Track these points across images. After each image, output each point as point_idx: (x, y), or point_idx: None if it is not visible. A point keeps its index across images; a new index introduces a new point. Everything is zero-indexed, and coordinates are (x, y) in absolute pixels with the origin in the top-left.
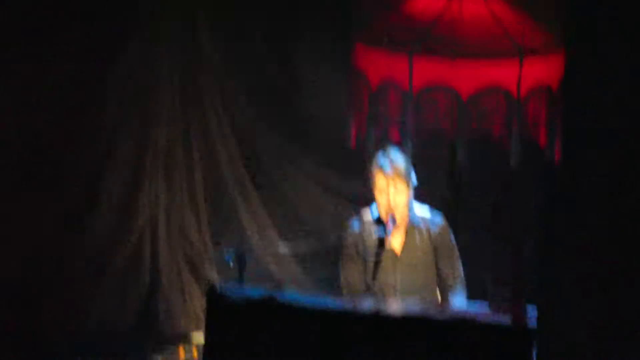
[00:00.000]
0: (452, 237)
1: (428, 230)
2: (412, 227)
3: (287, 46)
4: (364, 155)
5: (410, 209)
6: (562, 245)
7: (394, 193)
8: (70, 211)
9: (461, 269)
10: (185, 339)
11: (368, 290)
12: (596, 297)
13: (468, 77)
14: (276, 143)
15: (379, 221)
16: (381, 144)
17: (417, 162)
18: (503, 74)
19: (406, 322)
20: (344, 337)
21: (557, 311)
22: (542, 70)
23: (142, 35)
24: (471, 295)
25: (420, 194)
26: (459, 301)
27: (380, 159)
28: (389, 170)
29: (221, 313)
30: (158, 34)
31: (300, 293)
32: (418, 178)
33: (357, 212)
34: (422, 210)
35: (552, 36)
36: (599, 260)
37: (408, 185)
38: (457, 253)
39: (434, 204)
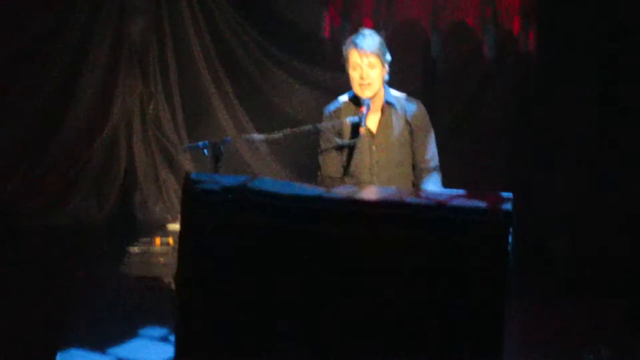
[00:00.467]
0: (428, 118)
1: (404, 110)
2: (387, 106)
3: None
4: (339, 46)
5: (385, 89)
6: (534, 132)
7: (368, 66)
8: (48, 107)
9: (436, 150)
10: (162, 229)
11: (345, 174)
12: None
13: None
14: (250, 37)
15: (355, 101)
16: (354, 33)
17: (391, 53)
18: None
19: (381, 206)
20: (318, 223)
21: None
22: None
23: None
24: (447, 184)
25: (396, 84)
26: (434, 184)
27: (354, 37)
28: (362, 45)
29: (197, 202)
30: None
31: (274, 181)
32: (393, 67)
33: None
34: (398, 94)
35: None
36: (571, 142)
37: (381, 61)
38: (432, 134)
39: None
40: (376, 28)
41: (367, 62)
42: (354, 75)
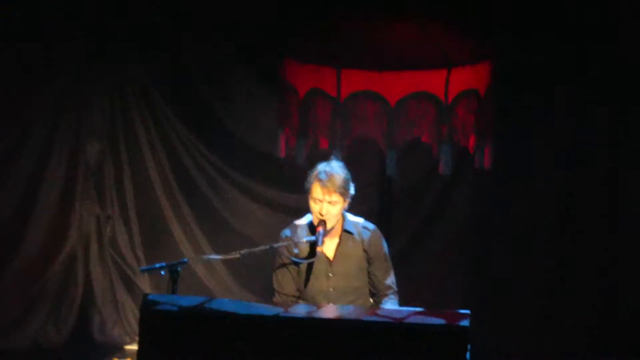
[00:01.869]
0: (385, 245)
1: (361, 237)
2: (345, 234)
3: (217, 63)
4: (295, 166)
5: (344, 216)
6: (495, 247)
7: (328, 205)
8: (3, 230)
9: (393, 277)
10: (120, 351)
11: (300, 296)
12: (530, 297)
13: (396, 83)
14: (207, 157)
15: (312, 227)
16: (310, 154)
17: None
18: (431, 80)
19: (339, 325)
20: (276, 342)
21: (489, 312)
22: (470, 76)
23: (73, 56)
24: (404, 303)
25: (352, 204)
26: (392, 305)
27: (321, 169)
28: (326, 184)
29: (155, 323)
30: (90, 56)
31: (232, 302)
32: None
33: (290, 222)
34: (356, 220)
35: (479, 47)
36: (531, 261)
37: (344, 198)
38: (389, 261)
39: (365, 214)
40: (332, 147)
41: (328, 200)
42: (314, 207)
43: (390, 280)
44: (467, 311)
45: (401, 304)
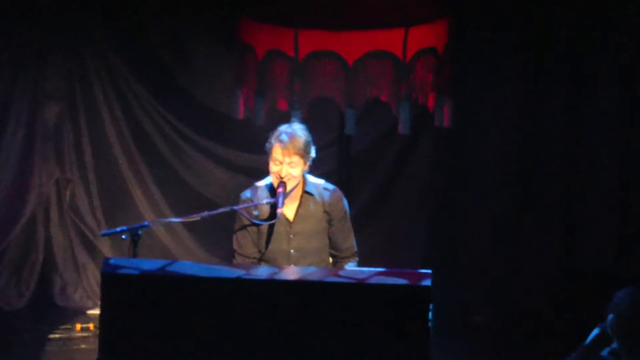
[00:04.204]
0: (346, 205)
1: (322, 198)
2: (306, 195)
3: (174, 23)
4: (254, 126)
5: (304, 177)
6: (454, 205)
7: (288, 166)
8: None
9: (354, 239)
10: (82, 315)
11: (261, 257)
12: (490, 254)
13: (354, 43)
14: (165, 118)
15: (272, 189)
16: (269, 114)
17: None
18: (389, 38)
19: (301, 287)
20: (238, 305)
21: (450, 270)
22: (428, 35)
23: (30, 17)
24: (364, 262)
25: (312, 165)
26: (352, 267)
27: (282, 131)
28: (287, 144)
29: (116, 287)
30: (47, 17)
31: (194, 264)
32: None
33: (250, 183)
34: (317, 181)
35: (437, 5)
36: (490, 219)
37: (304, 160)
38: (349, 222)
39: (325, 174)
40: (290, 107)
41: (288, 161)
42: (273, 168)
43: (351, 242)
44: (429, 271)
45: (362, 263)
